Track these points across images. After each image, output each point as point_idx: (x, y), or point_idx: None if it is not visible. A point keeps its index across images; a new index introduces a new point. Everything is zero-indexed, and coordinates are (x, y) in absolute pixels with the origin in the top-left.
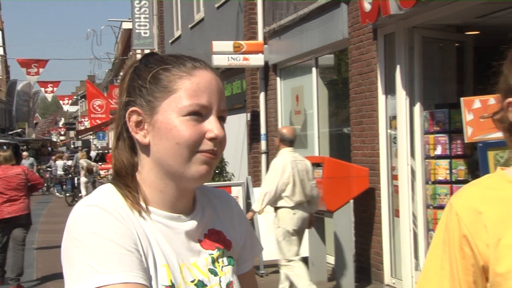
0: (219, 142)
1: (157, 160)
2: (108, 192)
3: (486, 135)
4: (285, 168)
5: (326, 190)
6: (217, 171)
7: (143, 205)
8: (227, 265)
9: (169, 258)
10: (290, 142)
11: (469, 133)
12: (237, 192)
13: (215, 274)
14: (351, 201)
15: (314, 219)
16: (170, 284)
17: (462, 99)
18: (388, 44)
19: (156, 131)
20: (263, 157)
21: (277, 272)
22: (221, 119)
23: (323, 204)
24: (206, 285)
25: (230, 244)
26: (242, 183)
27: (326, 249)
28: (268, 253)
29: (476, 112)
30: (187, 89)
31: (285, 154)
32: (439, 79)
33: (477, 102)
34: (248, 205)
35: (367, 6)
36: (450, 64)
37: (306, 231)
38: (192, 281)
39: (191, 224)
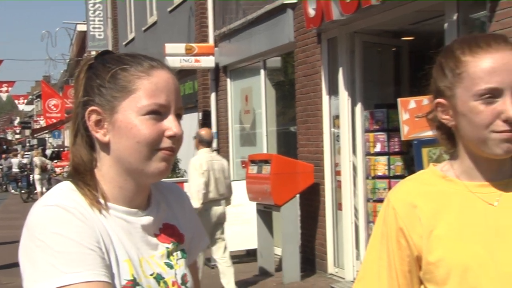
0: (177, 139)
1: (117, 158)
2: (67, 191)
3: (421, 133)
4: (202, 166)
5: (273, 185)
6: None
7: (102, 202)
8: (180, 258)
9: (130, 253)
10: (208, 143)
11: (405, 131)
12: (189, 188)
13: (171, 267)
14: (297, 195)
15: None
16: (132, 278)
17: (399, 99)
18: (331, 48)
19: (116, 130)
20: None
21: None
22: (178, 117)
23: (270, 198)
24: (163, 278)
25: (183, 238)
26: None
27: (274, 241)
28: None
29: (411, 112)
30: (146, 89)
31: (203, 154)
32: (378, 81)
33: (412, 102)
34: None
35: (311, 12)
36: (388, 67)
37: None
38: (151, 275)
39: (148, 219)
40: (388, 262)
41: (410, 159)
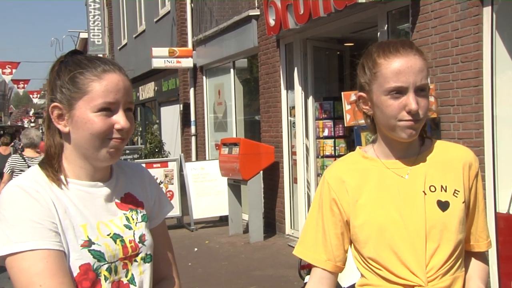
0: (125, 131)
1: (76, 145)
2: (33, 173)
3: (360, 120)
4: None
5: (241, 163)
6: (156, 150)
7: (63, 179)
8: (141, 221)
9: (87, 218)
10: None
11: (348, 119)
12: (172, 166)
13: (130, 228)
14: (261, 172)
15: None
16: (87, 238)
17: (342, 93)
18: (288, 51)
19: (74, 123)
20: (193, 139)
21: (204, 227)
22: (129, 110)
23: (239, 174)
24: (121, 237)
25: (142, 205)
26: (177, 159)
27: (242, 208)
28: (197, 213)
29: (352, 103)
30: (97, 90)
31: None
32: (326, 78)
33: (353, 95)
34: (181, 176)
35: (272, 22)
36: (334, 67)
37: None
38: (108, 234)
39: (107, 189)
40: (323, 227)
41: (352, 141)
